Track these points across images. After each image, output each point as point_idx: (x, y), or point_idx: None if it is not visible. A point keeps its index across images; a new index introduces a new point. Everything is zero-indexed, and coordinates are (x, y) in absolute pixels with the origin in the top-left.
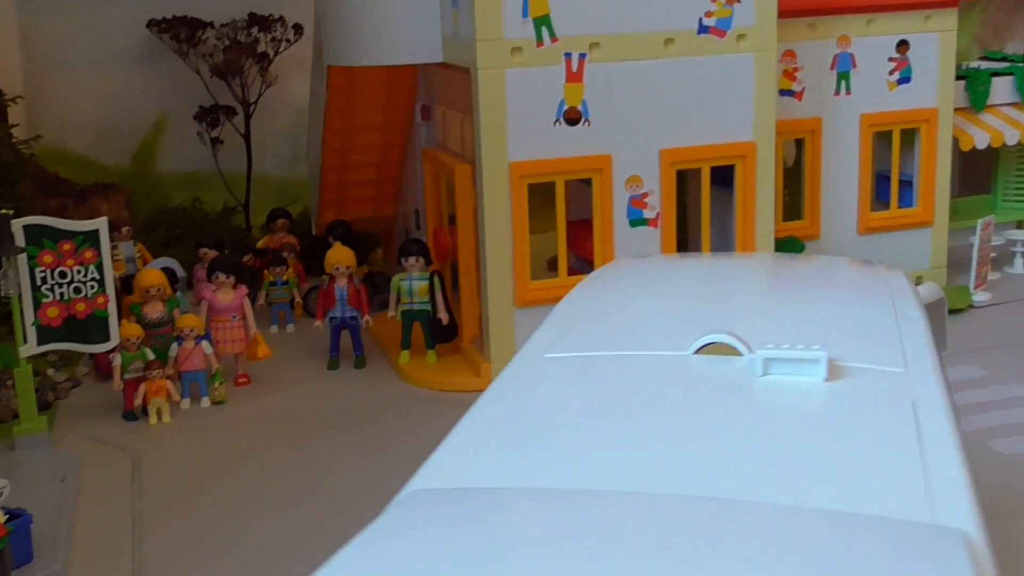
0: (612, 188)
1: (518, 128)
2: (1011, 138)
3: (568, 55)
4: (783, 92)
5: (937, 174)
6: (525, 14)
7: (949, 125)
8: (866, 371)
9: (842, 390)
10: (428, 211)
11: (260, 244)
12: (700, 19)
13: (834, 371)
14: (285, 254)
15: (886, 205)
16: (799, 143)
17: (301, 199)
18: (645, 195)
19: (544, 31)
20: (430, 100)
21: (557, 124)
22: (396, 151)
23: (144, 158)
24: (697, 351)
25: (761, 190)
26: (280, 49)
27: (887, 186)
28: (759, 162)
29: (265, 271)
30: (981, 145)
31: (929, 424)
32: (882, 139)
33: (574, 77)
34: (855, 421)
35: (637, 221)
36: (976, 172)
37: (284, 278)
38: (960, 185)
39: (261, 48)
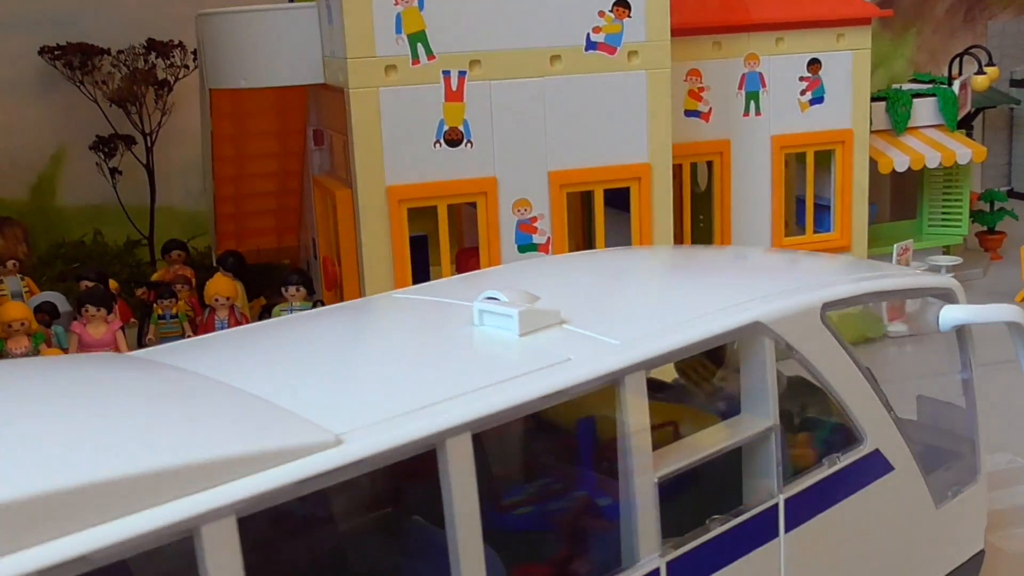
0: (498, 212)
1: (395, 150)
2: (932, 160)
3: (447, 73)
4: (689, 113)
5: (854, 198)
6: (399, 30)
7: (865, 147)
8: (576, 335)
9: (516, 343)
10: (320, 239)
11: (155, 276)
12: (588, 35)
13: (535, 330)
14: (178, 286)
15: (805, 230)
16: (709, 166)
17: (209, 231)
18: (534, 219)
19: (420, 48)
20: (321, 124)
21: (437, 145)
22: (293, 179)
23: (43, 191)
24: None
25: (658, 213)
26: (180, 76)
27: (818, 213)
28: (655, 184)
29: (155, 304)
30: (901, 168)
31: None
32: (801, 161)
33: (454, 96)
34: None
35: (526, 246)
36: (909, 196)
37: (174, 311)
38: (893, 210)
39: (160, 75)
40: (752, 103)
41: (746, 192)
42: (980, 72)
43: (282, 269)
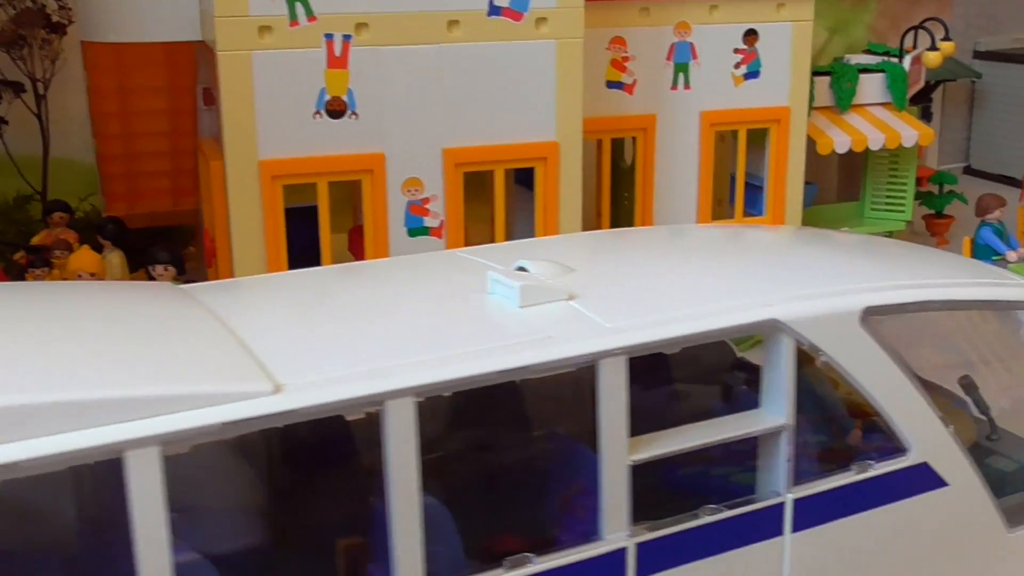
0: (386, 192)
1: (269, 121)
2: (875, 142)
3: (329, 36)
4: (611, 84)
5: (788, 179)
6: None
7: (803, 126)
8: (574, 313)
9: (512, 315)
10: (204, 209)
11: (35, 240)
12: None
13: (536, 304)
14: (58, 253)
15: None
16: (633, 141)
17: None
18: (426, 200)
19: (299, 8)
20: (211, 83)
21: (317, 116)
22: (187, 138)
23: None
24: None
25: (565, 196)
26: (73, 19)
27: (750, 192)
28: (563, 165)
29: (26, 273)
30: (841, 149)
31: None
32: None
33: (337, 62)
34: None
35: (417, 230)
36: (859, 176)
37: (48, 280)
38: (841, 190)
39: (54, 17)
40: (681, 75)
41: (672, 170)
42: (933, 48)
43: (182, 233)
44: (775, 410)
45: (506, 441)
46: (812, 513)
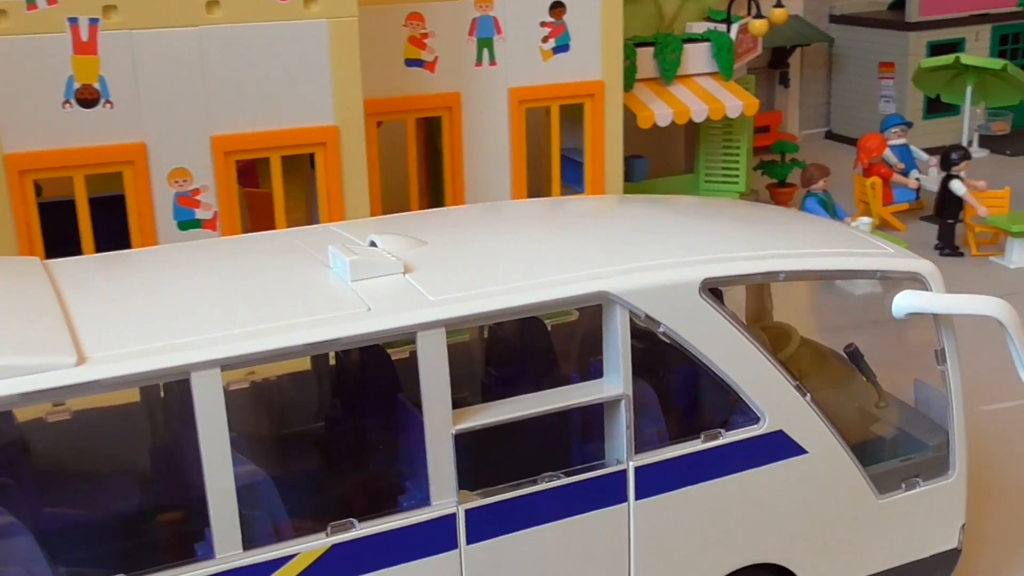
0: (150, 184)
1: (13, 111)
2: (699, 114)
3: (73, 20)
4: (411, 62)
5: (607, 154)
6: None
7: (618, 100)
8: (403, 287)
9: (341, 288)
10: None
11: None
12: None
13: (367, 278)
14: None
15: (571, 189)
16: (438, 121)
17: None
18: (196, 192)
19: None
20: None
21: (68, 106)
22: None
23: None
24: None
25: (350, 181)
26: None
27: (573, 168)
28: (344, 149)
29: None
30: (663, 122)
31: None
32: (564, 115)
33: (84, 48)
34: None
35: (188, 223)
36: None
37: None
38: (688, 162)
39: None
40: (486, 51)
41: (482, 149)
42: (759, 15)
43: None
44: (614, 380)
45: (349, 410)
46: (656, 481)
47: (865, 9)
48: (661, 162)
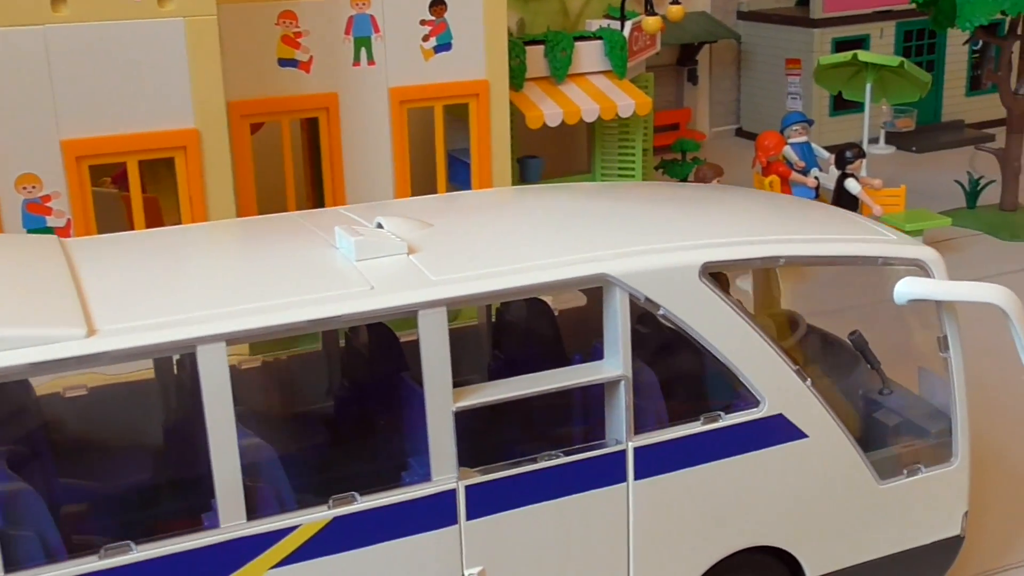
0: None
1: None
2: (589, 114)
3: None
4: (284, 62)
5: (493, 154)
6: None
7: (504, 99)
8: (407, 267)
9: (346, 267)
10: None
11: None
12: None
13: (372, 258)
14: None
15: (458, 190)
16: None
17: None
18: (46, 198)
19: None
20: None
21: None
22: None
23: None
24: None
25: (213, 185)
26: None
27: (461, 169)
28: (206, 154)
29: None
30: (553, 122)
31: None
32: (451, 115)
33: None
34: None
35: (39, 231)
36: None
37: None
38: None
39: None
40: (363, 50)
41: (363, 150)
42: (651, 12)
43: None
44: (613, 362)
45: (357, 389)
46: (655, 461)
47: (772, 6)
48: (565, 162)
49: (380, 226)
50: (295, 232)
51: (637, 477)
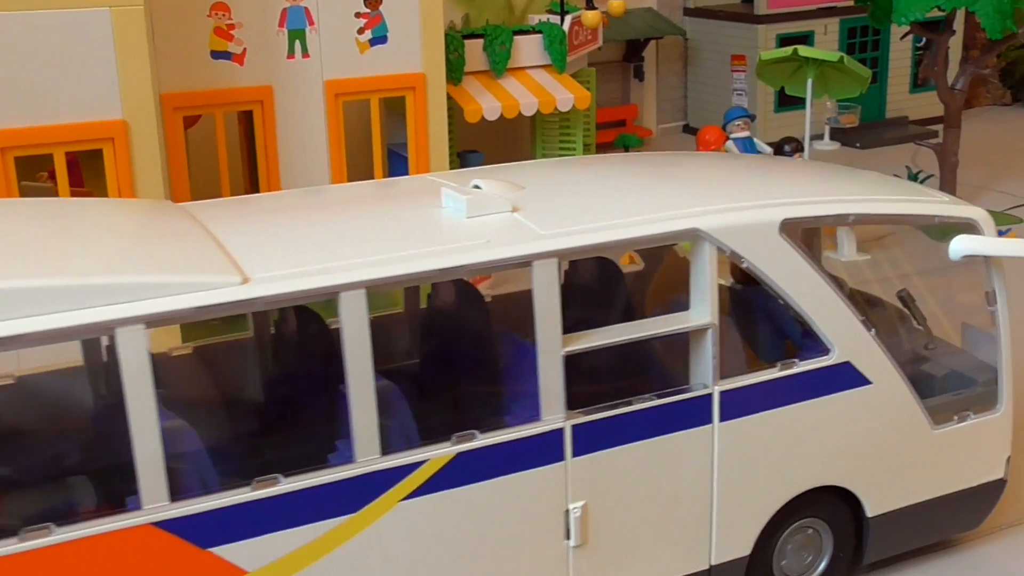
0: None
1: None
2: (528, 108)
3: None
4: (217, 54)
5: (431, 148)
6: None
7: (441, 92)
8: (515, 223)
9: (459, 224)
10: None
11: None
12: None
13: (481, 215)
14: None
15: None
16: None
17: None
18: None
19: None
20: None
21: None
22: None
23: None
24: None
25: (143, 178)
26: None
27: (400, 163)
28: (134, 146)
29: None
30: (491, 116)
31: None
32: (390, 108)
33: None
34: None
35: None
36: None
37: None
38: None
39: None
40: (298, 43)
41: (298, 144)
42: (590, 6)
43: None
44: (701, 311)
45: (467, 338)
46: (738, 404)
47: (718, 2)
48: (507, 156)
49: (477, 187)
50: (395, 195)
51: (722, 419)
